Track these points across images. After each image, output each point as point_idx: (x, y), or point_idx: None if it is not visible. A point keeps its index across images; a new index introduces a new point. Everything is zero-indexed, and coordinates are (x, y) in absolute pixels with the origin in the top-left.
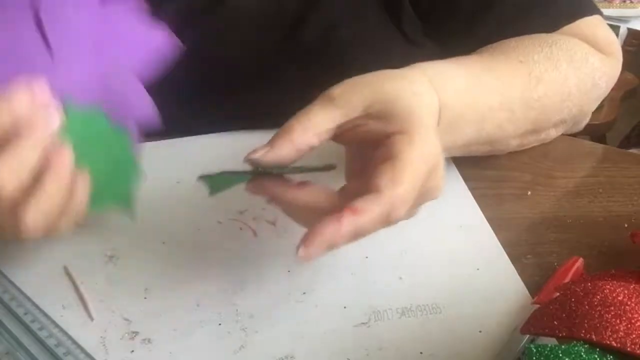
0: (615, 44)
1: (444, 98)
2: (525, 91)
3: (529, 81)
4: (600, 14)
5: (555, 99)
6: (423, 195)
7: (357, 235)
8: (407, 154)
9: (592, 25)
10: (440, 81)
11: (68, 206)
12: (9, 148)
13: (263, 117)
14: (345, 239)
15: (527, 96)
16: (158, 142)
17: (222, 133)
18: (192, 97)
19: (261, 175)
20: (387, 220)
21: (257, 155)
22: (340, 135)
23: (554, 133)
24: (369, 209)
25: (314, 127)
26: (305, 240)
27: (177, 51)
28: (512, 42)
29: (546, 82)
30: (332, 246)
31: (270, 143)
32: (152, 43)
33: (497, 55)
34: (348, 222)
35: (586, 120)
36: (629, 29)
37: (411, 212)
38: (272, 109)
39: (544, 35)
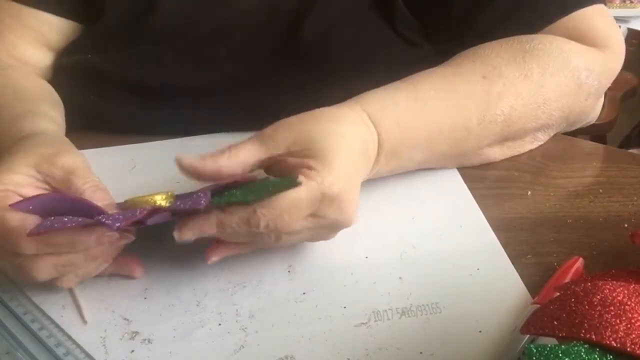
0: (613, 37)
1: (383, 132)
2: (483, 109)
3: (489, 99)
4: (602, 2)
5: (526, 109)
6: (320, 220)
7: (223, 228)
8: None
9: (588, 16)
10: (380, 116)
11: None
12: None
13: (261, 117)
14: (212, 230)
15: (485, 113)
16: (157, 142)
17: (220, 133)
18: (191, 98)
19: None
20: (248, 224)
21: (186, 162)
22: (268, 167)
23: (542, 136)
24: (235, 211)
25: (240, 158)
26: (179, 226)
27: None
28: (488, 48)
29: (512, 95)
30: (201, 233)
31: (201, 158)
32: None
33: (461, 71)
34: (215, 215)
35: (588, 118)
36: (629, 29)
37: (295, 237)
38: (270, 110)
39: (524, 40)
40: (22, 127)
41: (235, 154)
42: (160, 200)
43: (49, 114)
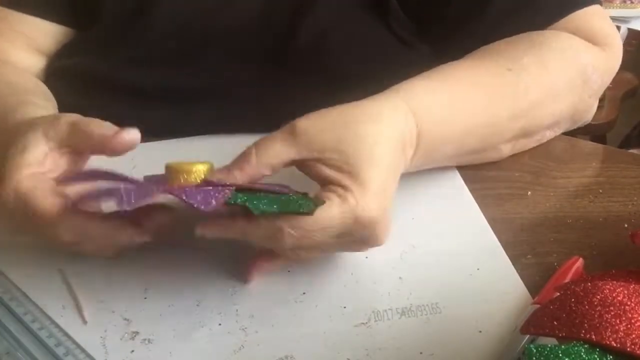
0: (612, 36)
1: (424, 128)
2: (513, 103)
3: (516, 91)
4: (599, 2)
5: (544, 103)
6: (349, 239)
7: (246, 237)
8: (328, 203)
9: (588, 16)
10: (423, 111)
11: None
12: None
13: (259, 118)
14: (235, 236)
15: (514, 108)
16: (157, 142)
17: (217, 135)
18: (187, 100)
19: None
20: (274, 239)
21: (216, 178)
22: (298, 165)
23: (549, 134)
24: (261, 224)
25: (270, 159)
26: (203, 225)
27: None
28: (502, 44)
29: (535, 88)
30: (223, 235)
31: (228, 167)
32: None
33: (487, 64)
34: (240, 223)
35: (587, 117)
36: (629, 29)
37: (320, 253)
38: (268, 111)
39: (534, 34)
40: (16, 116)
41: (262, 154)
42: (201, 171)
43: (41, 104)
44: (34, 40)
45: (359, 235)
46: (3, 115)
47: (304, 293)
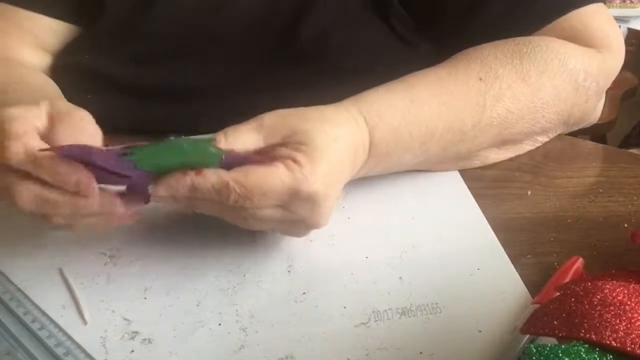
0: (611, 36)
1: (377, 136)
2: (479, 112)
3: (484, 102)
4: (602, 1)
5: (523, 112)
6: (289, 215)
7: (195, 192)
8: (274, 170)
9: (586, 16)
10: (376, 120)
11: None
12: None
13: None
14: (185, 190)
15: (481, 116)
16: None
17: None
18: (188, 98)
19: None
20: (219, 194)
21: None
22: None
23: (542, 139)
24: (210, 177)
25: (239, 144)
26: (156, 183)
27: None
28: (486, 50)
29: (508, 98)
30: (175, 191)
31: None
32: None
33: (457, 72)
34: (190, 177)
35: (590, 119)
36: (629, 29)
37: (261, 223)
38: (268, 111)
39: (520, 42)
40: None
41: (231, 142)
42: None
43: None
44: (39, 38)
45: (298, 213)
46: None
47: (304, 293)
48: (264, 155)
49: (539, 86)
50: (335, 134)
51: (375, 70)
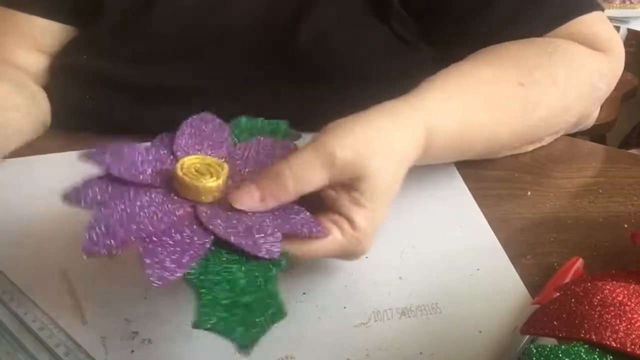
0: (614, 41)
1: (433, 143)
2: (518, 121)
3: (524, 110)
4: (601, 9)
5: (551, 117)
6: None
7: None
8: (329, 239)
9: (590, 23)
10: (435, 129)
11: None
12: None
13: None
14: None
15: (519, 124)
16: None
17: None
18: (188, 99)
19: None
20: None
21: (245, 207)
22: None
23: (548, 139)
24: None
25: (305, 186)
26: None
27: None
28: (514, 49)
29: (544, 104)
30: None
31: (261, 189)
32: None
33: (500, 76)
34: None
35: (589, 122)
36: (628, 30)
37: None
38: (267, 112)
39: (545, 42)
40: None
41: (300, 180)
42: (213, 189)
43: None
44: (36, 40)
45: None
46: None
47: (304, 293)
48: (321, 227)
49: (566, 88)
50: (399, 171)
51: (376, 71)
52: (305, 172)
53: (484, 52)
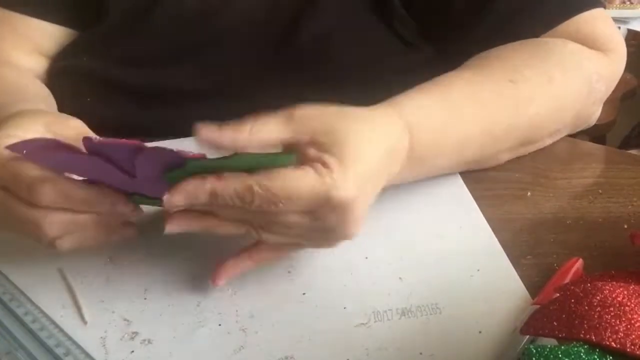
0: (615, 40)
1: (415, 141)
2: (512, 116)
3: (517, 104)
4: (602, 6)
5: (547, 114)
6: (316, 223)
7: (216, 198)
8: (302, 173)
9: (590, 20)
10: (415, 124)
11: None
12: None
13: None
14: (204, 197)
15: (513, 119)
16: (157, 142)
17: None
18: (189, 100)
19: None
20: (242, 199)
21: (204, 133)
22: (285, 148)
23: (549, 141)
24: (232, 181)
25: (262, 136)
26: (173, 189)
27: None
28: (505, 51)
29: (538, 101)
30: (193, 198)
31: (221, 129)
32: None
33: (487, 76)
34: (210, 182)
35: (589, 122)
36: (628, 30)
37: (287, 231)
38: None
39: (538, 43)
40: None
41: (257, 130)
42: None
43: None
44: (36, 43)
45: (327, 221)
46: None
47: (304, 293)
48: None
49: (563, 87)
50: (371, 135)
51: (377, 71)
52: (264, 120)
53: (473, 59)
